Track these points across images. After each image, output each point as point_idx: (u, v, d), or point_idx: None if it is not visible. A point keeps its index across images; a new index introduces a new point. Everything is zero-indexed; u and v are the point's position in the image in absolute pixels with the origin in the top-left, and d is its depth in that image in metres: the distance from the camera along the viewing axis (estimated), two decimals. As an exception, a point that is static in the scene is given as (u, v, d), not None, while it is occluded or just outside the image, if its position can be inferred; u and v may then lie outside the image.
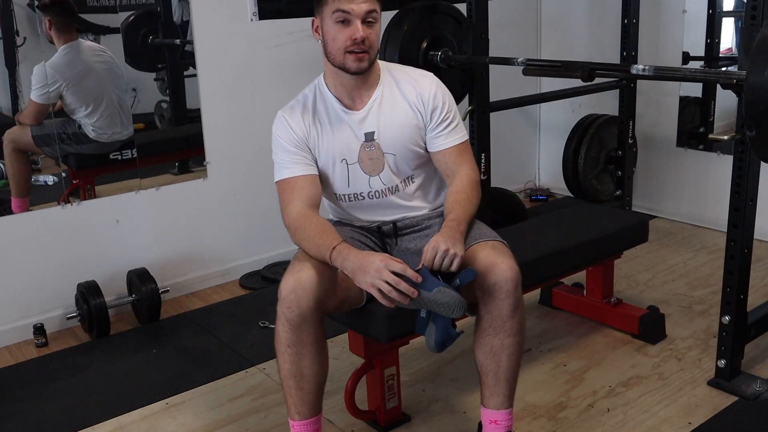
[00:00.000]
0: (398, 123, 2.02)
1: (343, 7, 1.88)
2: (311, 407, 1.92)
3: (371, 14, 1.90)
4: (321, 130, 2.00)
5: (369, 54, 1.93)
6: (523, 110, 4.65)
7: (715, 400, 2.38)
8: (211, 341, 2.96)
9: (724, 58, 4.04)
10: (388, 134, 2.01)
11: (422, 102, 2.03)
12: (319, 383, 1.92)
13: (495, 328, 1.89)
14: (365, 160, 2.02)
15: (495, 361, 1.91)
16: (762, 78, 1.82)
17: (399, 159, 2.03)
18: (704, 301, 3.10)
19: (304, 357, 1.86)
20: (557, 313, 3.03)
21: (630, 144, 3.95)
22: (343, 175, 2.03)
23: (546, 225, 2.86)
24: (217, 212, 3.49)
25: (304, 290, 1.81)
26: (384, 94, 2.02)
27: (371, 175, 2.04)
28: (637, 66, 2.49)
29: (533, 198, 4.66)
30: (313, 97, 2.03)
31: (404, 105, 2.03)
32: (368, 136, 2.01)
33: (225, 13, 3.35)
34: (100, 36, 3.24)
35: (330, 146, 2.00)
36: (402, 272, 1.71)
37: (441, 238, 1.81)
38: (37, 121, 3.05)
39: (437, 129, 2.04)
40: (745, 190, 2.27)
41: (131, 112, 3.30)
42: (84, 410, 2.49)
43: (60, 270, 3.09)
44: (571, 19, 4.50)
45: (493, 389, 1.93)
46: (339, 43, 1.91)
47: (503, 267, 1.85)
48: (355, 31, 1.88)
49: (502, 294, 1.85)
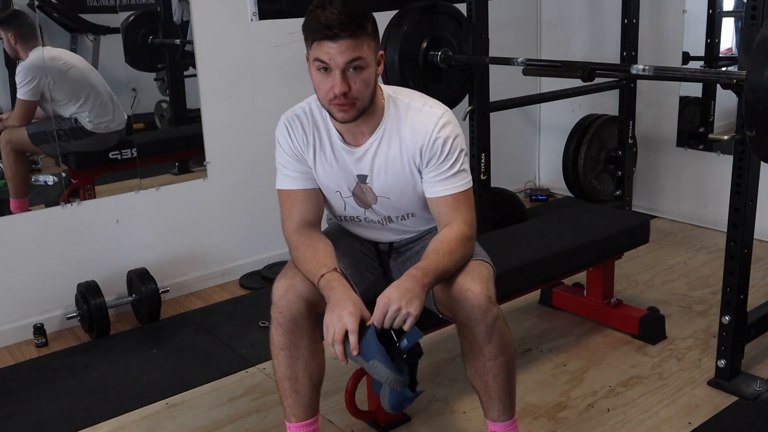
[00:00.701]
0: (392, 171, 1.88)
1: (321, 57, 1.70)
2: (307, 409, 1.89)
3: (355, 62, 1.70)
4: (320, 157, 1.89)
5: (356, 104, 1.75)
6: (523, 110, 4.65)
7: (715, 400, 2.38)
8: (211, 341, 2.96)
9: (724, 58, 4.04)
10: (381, 181, 1.89)
11: (420, 150, 1.84)
12: (314, 385, 1.89)
13: (474, 353, 1.84)
14: (359, 194, 1.93)
15: (482, 381, 1.87)
16: (762, 78, 1.82)
17: (393, 201, 1.93)
18: (704, 301, 3.10)
19: (298, 360, 1.84)
20: (557, 313, 3.03)
21: (630, 144, 3.96)
22: (339, 203, 1.97)
23: (546, 225, 2.86)
24: (217, 212, 3.49)
25: (297, 295, 1.81)
26: (384, 135, 1.86)
27: (366, 208, 1.97)
28: (637, 66, 2.49)
29: (533, 198, 4.66)
30: (319, 117, 1.89)
31: (401, 152, 1.86)
32: (361, 178, 1.90)
33: (225, 13, 3.35)
34: (99, 36, 3.24)
35: (326, 175, 1.91)
36: (349, 334, 1.65)
37: (395, 292, 1.67)
38: (25, 121, 3.02)
39: (432, 174, 1.86)
40: (745, 190, 2.27)
41: (128, 110, 3.29)
42: (84, 410, 2.49)
43: (60, 270, 3.09)
44: (571, 19, 4.50)
45: (488, 404, 1.91)
46: (321, 92, 1.76)
47: (472, 294, 1.78)
48: (334, 85, 1.71)
49: (472, 322, 1.79)
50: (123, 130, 3.26)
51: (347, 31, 1.67)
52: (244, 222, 3.57)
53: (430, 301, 1.94)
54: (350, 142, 1.88)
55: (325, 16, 1.68)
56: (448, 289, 1.82)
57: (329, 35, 1.67)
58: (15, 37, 2.94)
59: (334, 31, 1.67)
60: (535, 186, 4.85)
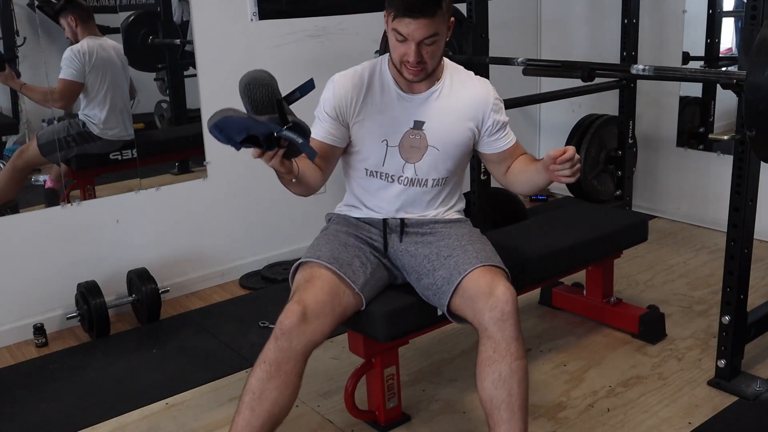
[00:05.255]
0: (450, 121, 2.04)
1: (400, 30, 1.86)
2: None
3: (431, 38, 1.86)
4: (368, 106, 2.01)
5: (426, 68, 1.93)
6: (523, 110, 4.65)
7: (715, 400, 2.38)
8: (211, 341, 2.96)
9: (724, 58, 4.04)
10: (438, 129, 2.03)
11: (482, 110, 2.06)
12: (271, 416, 1.81)
13: (500, 352, 1.83)
14: (406, 145, 2.03)
15: (506, 389, 1.82)
16: (762, 78, 1.82)
17: (441, 155, 2.05)
18: (704, 301, 3.10)
19: (273, 380, 1.81)
20: (557, 313, 3.03)
21: (630, 144, 3.96)
22: (380, 153, 2.04)
23: (546, 225, 2.86)
24: (217, 212, 3.49)
25: (303, 333, 1.83)
26: (443, 90, 2.04)
27: (407, 162, 2.04)
28: (637, 66, 2.49)
29: (533, 198, 4.66)
30: (371, 72, 2.04)
31: (461, 107, 2.05)
32: (417, 124, 2.02)
33: (225, 13, 3.35)
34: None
35: (374, 124, 2.02)
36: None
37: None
38: (68, 102, 3.10)
39: (499, 133, 2.09)
40: (745, 190, 2.27)
41: (131, 113, 3.30)
42: (84, 410, 2.49)
43: (60, 270, 3.09)
44: (571, 19, 4.51)
45: (508, 425, 1.82)
46: (396, 55, 1.92)
47: (501, 291, 1.85)
48: (408, 53, 1.88)
49: (500, 322, 1.83)
50: (132, 141, 3.27)
51: (427, 11, 1.81)
52: (244, 222, 3.57)
53: (441, 305, 1.97)
54: (409, 90, 2.02)
55: None
56: (471, 290, 1.87)
57: (409, 14, 1.81)
58: (76, 21, 3.05)
59: (414, 12, 1.81)
60: (535, 186, 4.84)
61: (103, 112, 3.19)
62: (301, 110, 1.80)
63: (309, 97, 1.80)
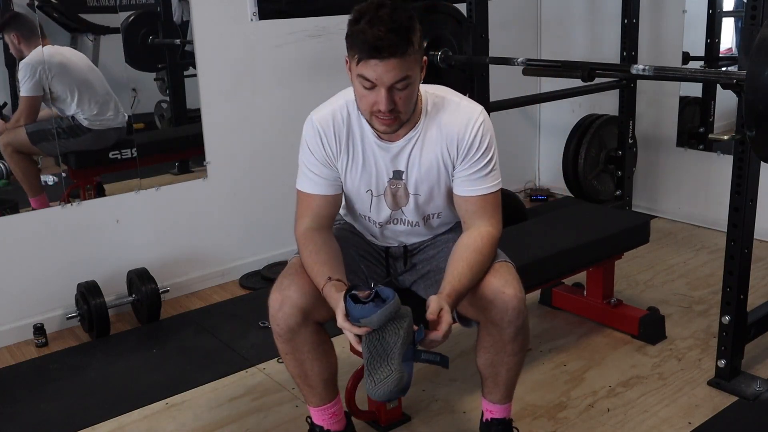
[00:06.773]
0: (428, 167, 1.85)
1: (367, 75, 1.64)
2: (323, 398, 1.98)
3: (402, 81, 1.65)
4: (352, 158, 1.86)
5: (400, 117, 1.73)
6: (523, 110, 4.65)
7: (715, 400, 2.38)
8: (211, 341, 2.96)
9: (724, 58, 4.04)
10: (417, 177, 1.87)
11: (456, 143, 1.82)
12: (325, 380, 1.95)
13: (496, 348, 1.88)
14: (390, 194, 1.91)
15: (493, 371, 1.94)
16: (762, 78, 1.82)
17: (425, 199, 1.92)
18: (704, 301, 3.10)
19: (305, 362, 1.90)
20: (557, 313, 3.03)
21: (630, 144, 3.96)
22: (366, 202, 1.94)
23: (546, 225, 2.86)
24: (217, 212, 3.49)
25: (291, 306, 1.82)
26: (420, 135, 1.83)
27: (394, 210, 1.95)
28: (637, 66, 2.49)
29: (533, 198, 4.66)
30: (348, 115, 1.84)
31: (438, 147, 1.84)
32: (396, 174, 1.87)
33: (225, 13, 3.35)
34: (99, 36, 3.23)
35: (358, 175, 1.88)
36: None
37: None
38: (31, 118, 3.04)
39: (467, 173, 1.84)
40: (745, 190, 2.27)
41: (128, 110, 3.28)
42: (84, 410, 2.49)
43: (60, 270, 3.09)
44: (571, 19, 4.50)
45: (492, 389, 1.98)
46: (365, 106, 1.72)
47: (508, 296, 1.79)
48: (379, 101, 1.66)
49: (504, 323, 1.82)
50: (123, 129, 3.26)
51: (396, 52, 1.61)
52: (244, 222, 3.57)
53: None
54: (386, 138, 1.83)
55: (372, 33, 1.60)
56: (480, 289, 1.83)
57: (377, 55, 1.61)
58: (18, 38, 2.97)
59: (382, 53, 1.60)
60: (535, 186, 4.85)
61: (86, 105, 3.16)
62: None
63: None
